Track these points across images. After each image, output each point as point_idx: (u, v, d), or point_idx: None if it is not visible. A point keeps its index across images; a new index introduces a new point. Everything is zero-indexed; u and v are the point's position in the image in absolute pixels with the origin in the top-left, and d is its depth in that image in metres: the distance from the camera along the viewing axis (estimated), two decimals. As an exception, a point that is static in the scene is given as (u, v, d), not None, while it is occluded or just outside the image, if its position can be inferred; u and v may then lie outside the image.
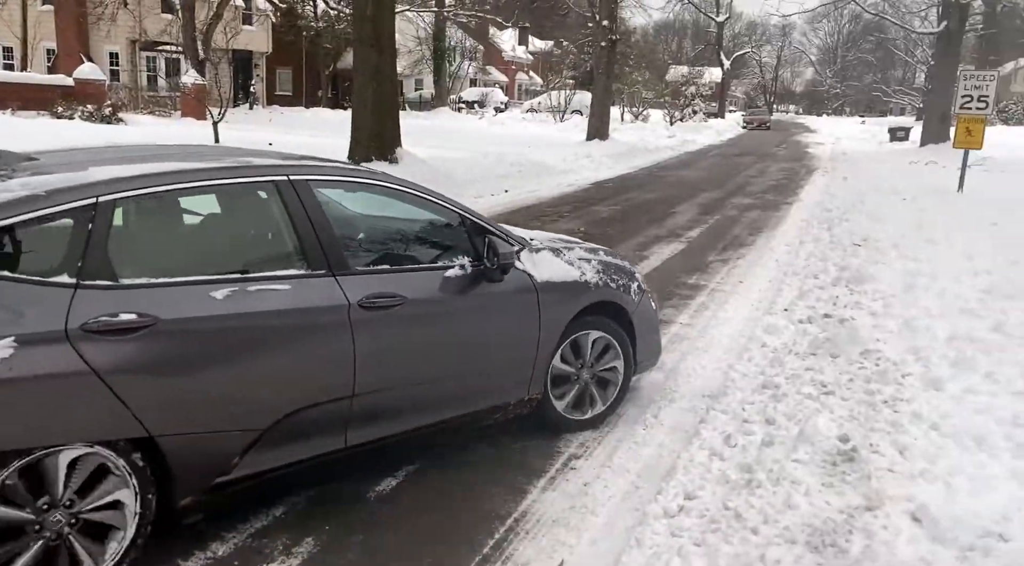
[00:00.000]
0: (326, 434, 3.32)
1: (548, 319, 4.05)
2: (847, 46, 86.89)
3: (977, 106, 14.70)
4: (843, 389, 4.86)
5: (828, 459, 3.90)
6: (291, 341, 3.14)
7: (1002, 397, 4.69)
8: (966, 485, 3.62)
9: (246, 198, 3.44)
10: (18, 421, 2.53)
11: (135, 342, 2.75)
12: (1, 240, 2.64)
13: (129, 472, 2.79)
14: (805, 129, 52.56)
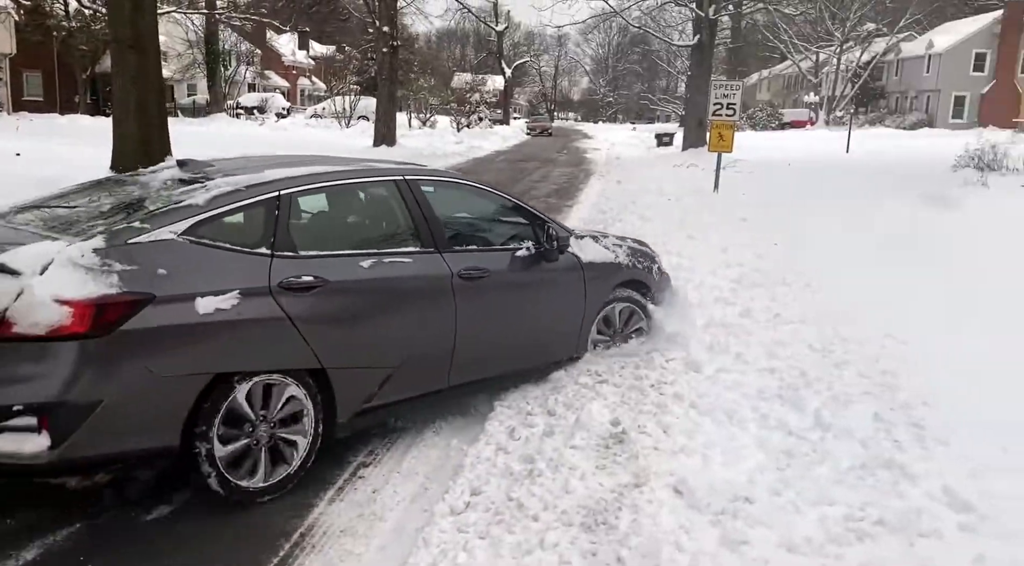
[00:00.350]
0: (435, 375, 4.37)
1: (592, 291, 5.23)
2: (617, 57, 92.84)
3: (727, 113, 16.23)
4: (615, 376, 5.19)
5: (602, 443, 4.16)
6: (413, 300, 4.21)
7: (749, 375, 5.23)
8: (719, 456, 4.01)
9: (375, 192, 4.60)
10: (237, 352, 3.50)
11: (313, 297, 3.73)
12: (220, 224, 3.61)
13: (309, 400, 3.77)
14: (583, 135, 55.47)
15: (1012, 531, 3.19)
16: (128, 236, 3.41)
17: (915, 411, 4.55)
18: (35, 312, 3.11)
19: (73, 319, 3.13)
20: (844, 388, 4.96)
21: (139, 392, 3.28)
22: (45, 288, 3.13)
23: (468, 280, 4.42)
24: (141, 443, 3.35)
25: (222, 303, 3.45)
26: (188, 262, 3.48)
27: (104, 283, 3.21)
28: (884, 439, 4.17)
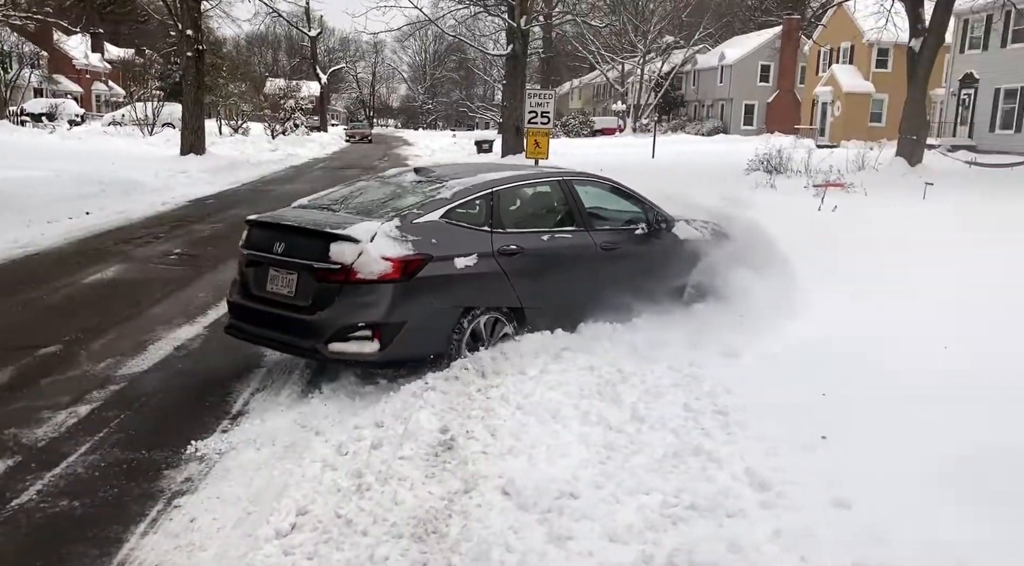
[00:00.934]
0: (585, 313, 6.12)
1: (686, 259, 6.77)
2: (434, 64, 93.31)
3: (541, 121, 16.75)
4: (443, 383, 5.22)
5: (431, 451, 4.17)
6: (573, 262, 6.00)
7: (571, 373, 5.43)
8: (545, 455, 4.13)
9: (546, 189, 6.42)
10: (476, 294, 5.41)
11: (516, 259, 5.55)
12: (461, 210, 5.49)
13: (511, 327, 5.67)
14: (404, 142, 55.27)
15: (801, 504, 3.52)
16: (413, 218, 5.31)
17: (719, 399, 4.90)
18: (370, 265, 4.95)
19: (391, 270, 5.00)
20: (656, 381, 5.26)
21: (426, 317, 5.19)
22: (375, 250, 4.98)
23: (606, 250, 6.25)
24: (426, 348, 5.28)
25: (468, 262, 5.34)
26: (447, 235, 5.36)
27: (406, 248, 5.10)
28: (693, 427, 4.46)
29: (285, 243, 5.27)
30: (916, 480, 3.72)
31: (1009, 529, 3.29)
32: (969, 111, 33.46)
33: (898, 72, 28.40)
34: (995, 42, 31.27)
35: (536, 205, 6.41)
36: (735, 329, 6.26)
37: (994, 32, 30.85)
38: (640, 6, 59.09)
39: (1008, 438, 4.10)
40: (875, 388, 5.00)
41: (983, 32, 31.99)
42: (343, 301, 5.00)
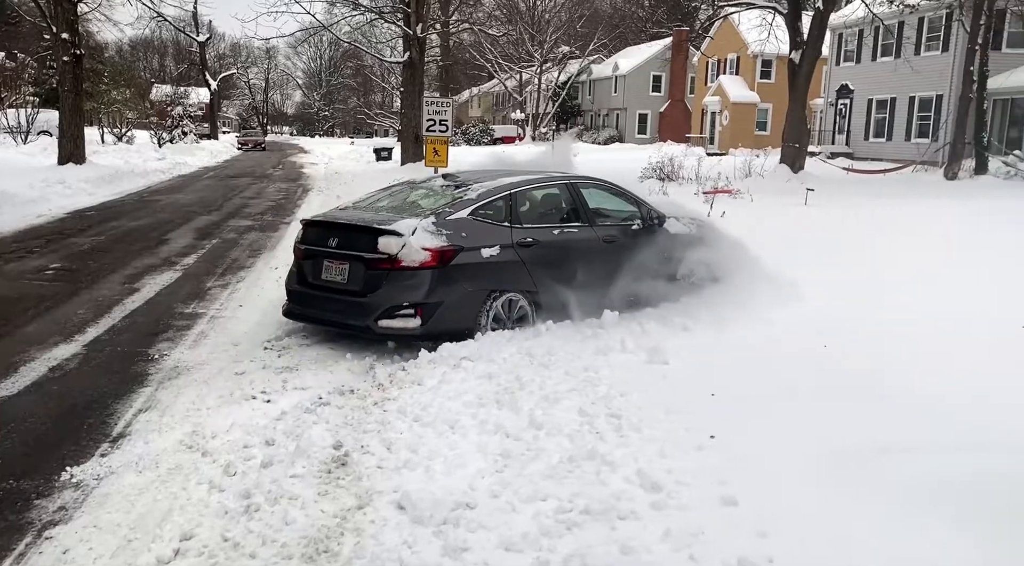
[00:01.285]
0: (591, 295, 6.80)
1: (676, 251, 7.63)
2: (330, 71, 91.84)
3: (440, 129, 16.70)
4: (337, 398, 5.12)
5: (324, 468, 4.07)
6: (580, 254, 6.84)
7: (469, 382, 5.41)
8: (442, 466, 4.10)
9: (555, 190, 7.32)
10: (499, 279, 6.34)
11: (532, 250, 6.50)
12: (485, 209, 6.48)
13: (530, 306, 6.58)
14: (300, 150, 54.17)
15: (690, 504, 3.61)
16: (446, 215, 6.30)
17: (613, 402, 4.99)
18: (412, 254, 5.93)
19: (430, 258, 5.97)
20: (554, 387, 5.30)
21: (459, 298, 6.15)
22: (416, 242, 5.95)
23: (607, 243, 7.20)
24: (459, 324, 6.16)
25: (492, 252, 6.32)
26: (475, 230, 6.34)
27: (441, 240, 6.07)
28: (588, 432, 4.52)
29: (338, 238, 6.35)
30: (798, 475, 3.88)
31: (882, 520, 3.47)
32: (846, 120, 35.36)
33: (780, 83, 29.74)
34: (867, 55, 33.19)
35: (547, 204, 7.37)
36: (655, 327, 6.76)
37: (865, 46, 32.75)
38: (536, 16, 59.90)
39: (875, 434, 4.33)
40: (762, 386, 5.19)
41: (856, 46, 33.92)
42: (390, 285, 6.02)
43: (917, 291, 7.91)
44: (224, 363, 6.06)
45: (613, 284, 7.01)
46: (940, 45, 29.12)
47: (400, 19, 27.63)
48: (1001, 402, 4.86)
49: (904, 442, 4.23)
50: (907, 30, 29.36)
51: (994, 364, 5.64)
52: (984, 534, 3.29)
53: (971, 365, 5.59)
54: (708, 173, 19.33)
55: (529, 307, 6.60)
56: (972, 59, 23.11)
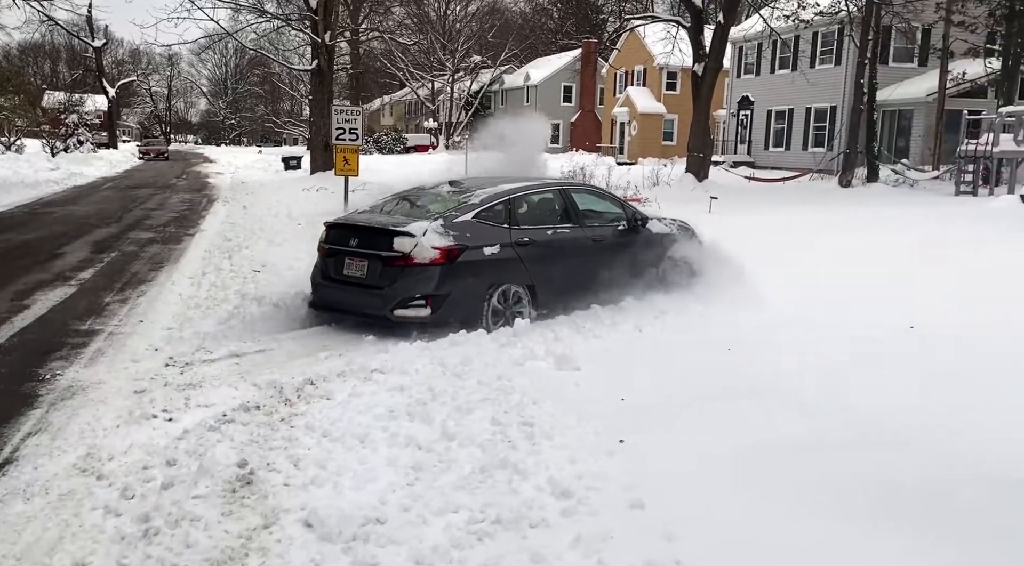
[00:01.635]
0: (581, 287, 7.66)
1: (658, 249, 8.48)
2: (237, 78, 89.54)
3: (350, 137, 16.48)
4: (243, 414, 4.98)
5: (228, 487, 3.95)
6: (571, 252, 7.63)
7: (380, 395, 5.35)
8: (351, 481, 4.03)
9: (549, 195, 8.13)
10: (499, 274, 7.11)
11: (528, 248, 7.24)
12: (487, 212, 7.23)
13: (528, 298, 7.28)
14: (205, 159, 52.60)
15: (600, 509, 3.66)
16: (453, 218, 7.06)
17: (526, 410, 5.01)
18: (423, 253, 6.73)
19: (439, 256, 6.76)
20: (467, 397, 5.29)
21: (464, 290, 6.91)
22: (427, 242, 6.74)
23: (595, 242, 7.98)
24: (464, 314, 6.89)
25: (493, 250, 7.06)
26: (478, 231, 7.07)
27: (449, 240, 6.83)
28: (500, 441, 4.52)
29: (358, 239, 7.17)
30: (705, 476, 3.97)
31: (787, 519, 3.58)
32: (747, 130, 36.66)
33: (686, 94, 30.63)
34: (766, 68, 34.51)
35: (542, 207, 8.07)
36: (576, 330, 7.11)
37: (765, 59, 34.05)
38: (447, 26, 59.98)
39: (780, 433, 4.49)
40: (672, 389, 5.31)
41: (756, 59, 35.23)
42: (404, 279, 6.84)
43: (820, 295, 8.25)
44: (122, 382, 5.81)
45: (601, 277, 7.77)
46: (833, 59, 30.55)
47: (308, 27, 27.19)
48: (898, 403, 5.10)
49: (808, 440, 4.39)
50: (803, 44, 30.68)
51: (889, 365, 5.92)
52: (886, 528, 3.44)
53: (869, 366, 5.85)
54: (618, 182, 19.74)
55: (526, 298, 7.35)
56: (862, 72, 24.32)
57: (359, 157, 16.86)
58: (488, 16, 63.04)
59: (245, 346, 6.84)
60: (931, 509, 3.57)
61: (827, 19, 26.68)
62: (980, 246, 10.83)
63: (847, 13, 24.55)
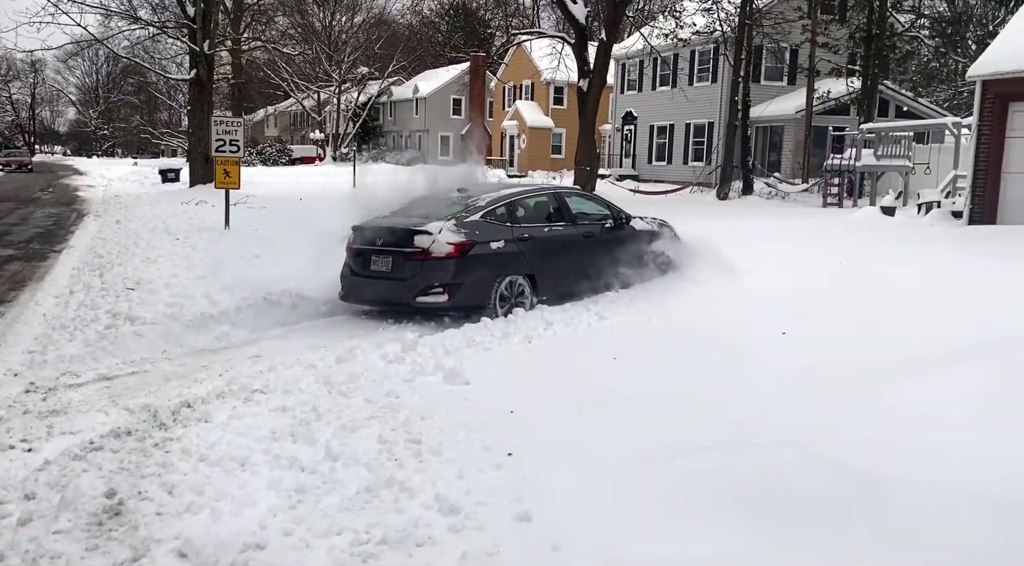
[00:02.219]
0: (575, 278, 8.97)
1: (640, 243, 9.71)
2: (109, 87, 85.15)
3: (230, 149, 15.97)
4: (112, 441, 4.71)
5: (95, 520, 3.71)
6: (564, 245, 8.94)
7: (262, 416, 5.17)
8: (230, 507, 3.86)
9: (545, 198, 9.42)
10: (504, 265, 8.31)
11: (527, 243, 8.58)
12: (492, 212, 8.50)
13: (528, 286, 8.51)
14: (75, 171, 49.72)
15: (487, 524, 3.63)
16: (464, 218, 8.23)
17: (414, 427, 4.94)
18: (440, 248, 7.87)
19: (453, 250, 7.89)
20: (353, 416, 5.18)
21: (476, 280, 8.02)
22: (442, 238, 7.88)
23: (586, 237, 9.23)
24: (476, 300, 8.03)
25: (498, 245, 8.24)
26: (485, 229, 8.25)
27: (461, 236, 7.99)
28: (387, 459, 4.44)
29: (381, 238, 8.30)
30: (591, 485, 4.02)
31: (668, 521, 3.66)
32: (631, 145, 37.74)
33: (572, 109, 31.23)
34: (648, 85, 35.68)
35: (539, 209, 9.27)
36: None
37: (646, 76, 35.20)
38: (333, 36, 59.11)
39: (664, 438, 4.60)
40: (560, 398, 5.36)
41: (638, 76, 36.35)
42: (424, 271, 7.94)
43: (703, 301, 8.54)
44: (-21, 409, 5.39)
45: (589, 267, 9.11)
46: (710, 77, 31.89)
47: (185, 35, 26.22)
48: (774, 406, 5.31)
49: (691, 444, 4.50)
50: (681, 62, 31.91)
51: (760, 369, 6.17)
52: (763, 527, 3.57)
53: (744, 370, 6.07)
54: (507, 194, 19.85)
55: (527, 286, 8.48)
56: (736, 90, 25.50)
57: (240, 169, 16.36)
58: (375, 27, 62.49)
59: (117, 368, 6.50)
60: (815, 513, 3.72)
61: (703, 38, 27.85)
62: (846, 254, 11.47)
63: (721, 33, 25.71)
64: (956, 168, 17.93)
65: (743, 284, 9.15)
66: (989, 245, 11.72)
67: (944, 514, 3.58)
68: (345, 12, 60.93)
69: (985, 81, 13.43)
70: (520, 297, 8.39)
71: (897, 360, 5.85)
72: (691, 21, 25.97)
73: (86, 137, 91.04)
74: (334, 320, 8.53)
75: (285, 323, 8.31)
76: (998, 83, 13.24)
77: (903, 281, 8.91)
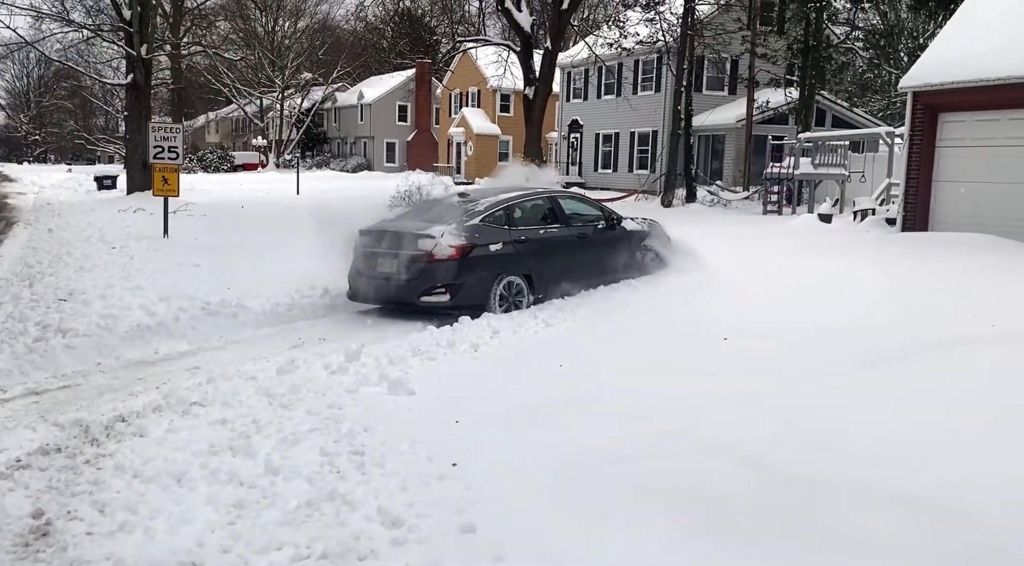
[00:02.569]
0: (570, 277, 9.41)
1: (631, 244, 10.31)
2: (41, 91, 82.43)
3: (169, 156, 15.59)
4: (41, 459, 4.53)
5: (20, 542, 3.57)
6: (558, 247, 9.47)
7: (200, 430, 5.04)
8: (165, 524, 3.75)
9: (541, 201, 9.89)
10: (502, 266, 8.80)
11: (523, 244, 9.09)
12: (491, 216, 9.04)
13: (526, 285, 8.99)
14: (4, 177, 48.00)
15: (431, 535, 3.60)
16: (464, 222, 8.73)
17: (357, 438, 4.88)
18: (442, 250, 8.39)
19: (454, 252, 8.41)
20: (294, 428, 5.08)
21: (476, 280, 8.51)
22: (445, 241, 8.42)
23: (580, 239, 9.77)
24: (475, 300, 8.49)
25: (497, 247, 8.71)
26: (484, 232, 8.74)
27: (462, 239, 8.49)
28: (329, 472, 4.37)
29: (387, 241, 8.82)
30: (533, 494, 4.01)
31: (606, 528, 3.67)
32: (577, 152, 38.02)
33: (519, 116, 31.34)
34: (593, 93, 36.02)
35: (535, 212, 9.76)
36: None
37: (591, 85, 35.54)
38: (275, 41, 58.32)
39: (605, 446, 4.62)
40: (505, 407, 5.34)
41: (583, 84, 36.69)
42: (428, 272, 8.47)
43: (664, 305, 8.62)
44: None
45: (583, 266, 9.68)
46: (654, 86, 32.33)
47: (122, 39, 25.56)
48: (708, 408, 5.38)
49: (629, 450, 4.53)
50: (626, 71, 32.28)
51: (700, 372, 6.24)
52: (699, 532, 3.60)
53: (683, 373, 6.13)
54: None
55: (524, 285, 9.01)
56: (679, 99, 25.88)
57: (179, 176, 16.00)
58: (319, 33, 61.84)
59: (47, 382, 6.29)
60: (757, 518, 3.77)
61: (646, 48, 28.21)
62: (786, 260, 11.71)
63: (664, 43, 26.08)
64: (890, 176, 18.48)
65: (692, 290, 9.28)
66: (912, 248, 12.10)
67: (864, 513, 3.66)
68: (288, 17, 60.14)
69: (916, 92, 13.86)
70: (518, 296, 8.91)
71: (822, 363, 5.98)
72: (635, 31, 26.30)
73: (16, 142, 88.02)
74: (275, 330, 8.39)
75: (225, 334, 8.14)
76: (928, 94, 13.68)
77: (838, 285, 9.14)
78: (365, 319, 8.93)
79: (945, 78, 13.26)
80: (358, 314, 9.20)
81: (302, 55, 58.50)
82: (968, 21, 13.98)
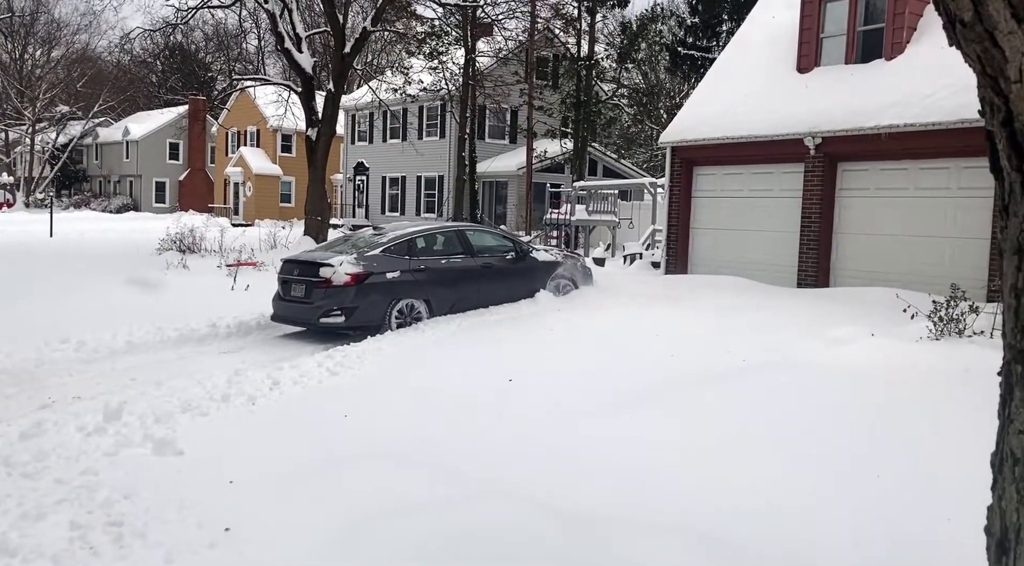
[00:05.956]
0: (472, 302, 11.02)
1: (541, 273, 12.09)
2: None
3: None
4: None
5: None
6: (461, 274, 11.02)
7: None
8: None
9: (448, 234, 11.58)
10: (399, 292, 10.22)
11: (423, 272, 10.54)
12: (393, 247, 10.51)
13: (424, 307, 10.48)
14: None
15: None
16: (364, 253, 10.31)
17: (115, 507, 4.41)
18: (339, 277, 9.76)
19: (350, 279, 9.80)
20: (38, 501, 4.50)
21: (370, 303, 9.93)
22: (343, 270, 9.80)
23: (485, 268, 11.26)
24: (371, 321, 9.88)
25: (394, 275, 10.20)
26: (384, 261, 10.23)
27: (359, 268, 9.93)
28: (79, 548, 3.90)
29: (298, 269, 10.14)
30: (311, 554, 3.81)
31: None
32: (364, 195, 37.78)
33: (302, 157, 30.63)
34: (379, 136, 36.09)
35: (439, 243, 11.13)
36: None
37: (376, 129, 35.61)
38: (24, 71, 53.17)
39: (394, 495, 4.51)
40: (287, 462, 5.07)
41: (368, 127, 36.68)
42: (326, 297, 9.68)
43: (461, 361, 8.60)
44: None
45: (486, 292, 11.06)
46: (438, 132, 32.99)
47: None
48: (493, 451, 5.43)
49: (420, 499, 4.44)
50: (411, 117, 32.70)
51: (484, 418, 6.30)
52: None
53: (471, 421, 6.16)
54: (232, 245, 18.89)
55: (424, 309, 10.37)
56: (463, 146, 26.62)
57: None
58: (77, 64, 57.12)
59: None
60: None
61: (430, 95, 28.82)
62: (562, 307, 12.27)
63: (447, 91, 26.75)
64: (654, 223, 20.03)
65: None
66: (670, 290, 13.14)
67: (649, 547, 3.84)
68: (40, 45, 55.11)
69: (673, 147, 15.18)
70: (417, 315, 10.28)
71: (594, 403, 6.28)
72: (419, 78, 26.76)
73: None
74: (20, 390, 7.43)
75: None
76: (684, 149, 15.03)
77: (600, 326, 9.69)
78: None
79: (698, 135, 14.65)
80: (121, 368, 8.40)
81: (57, 86, 53.77)
82: (718, 81, 15.57)
